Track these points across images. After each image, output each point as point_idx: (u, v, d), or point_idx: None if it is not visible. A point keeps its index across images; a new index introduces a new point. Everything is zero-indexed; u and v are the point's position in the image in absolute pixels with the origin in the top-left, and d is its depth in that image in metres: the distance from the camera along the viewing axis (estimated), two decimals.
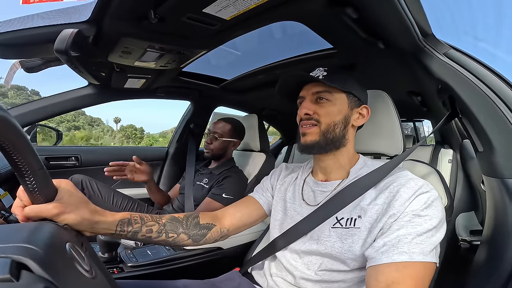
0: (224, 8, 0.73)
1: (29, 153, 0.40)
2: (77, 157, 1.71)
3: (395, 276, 0.51)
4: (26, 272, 0.30)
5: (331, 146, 0.70)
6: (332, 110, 0.70)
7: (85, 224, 0.52)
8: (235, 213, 0.81)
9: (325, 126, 0.69)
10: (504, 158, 0.66)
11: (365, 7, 0.67)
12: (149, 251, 1.08)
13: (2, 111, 0.35)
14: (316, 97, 0.71)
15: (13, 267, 0.29)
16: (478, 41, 28.60)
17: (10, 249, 0.31)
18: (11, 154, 0.38)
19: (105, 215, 0.57)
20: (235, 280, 0.80)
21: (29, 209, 0.45)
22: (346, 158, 0.73)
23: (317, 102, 0.71)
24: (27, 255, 0.31)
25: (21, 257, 0.30)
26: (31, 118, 1.39)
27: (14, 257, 0.30)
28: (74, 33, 0.76)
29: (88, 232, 0.54)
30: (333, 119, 0.69)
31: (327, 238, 0.65)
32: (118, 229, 0.59)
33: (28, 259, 0.30)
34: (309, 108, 0.70)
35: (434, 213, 0.56)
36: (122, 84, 1.42)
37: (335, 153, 0.72)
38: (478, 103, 0.68)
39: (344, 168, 0.73)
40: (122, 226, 0.60)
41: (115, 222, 0.58)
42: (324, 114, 0.69)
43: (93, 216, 0.53)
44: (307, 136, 0.71)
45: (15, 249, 0.31)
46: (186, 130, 2.02)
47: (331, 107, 0.70)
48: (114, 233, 0.59)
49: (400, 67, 1.00)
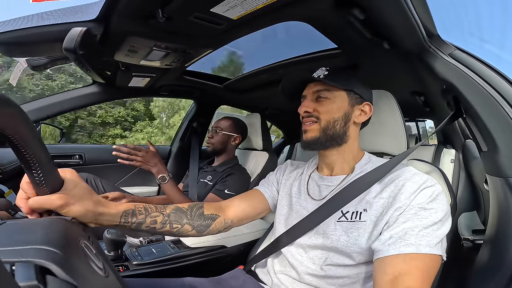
0: (232, 8, 0.73)
1: (38, 146, 0.39)
2: (81, 155, 1.72)
3: (403, 268, 0.52)
4: (51, 277, 0.29)
5: (333, 142, 0.72)
6: (331, 108, 0.72)
7: (90, 215, 0.51)
8: (240, 204, 0.81)
9: (325, 122, 0.72)
10: (508, 157, 0.66)
11: (372, 8, 0.67)
12: (154, 249, 1.08)
13: (11, 104, 0.34)
14: (316, 95, 0.74)
15: (38, 273, 0.28)
16: (483, 43, 28.39)
17: (30, 253, 0.30)
18: (19, 147, 0.37)
19: (109, 206, 0.56)
20: (239, 278, 0.81)
21: (34, 201, 0.45)
22: (350, 154, 0.74)
23: (318, 100, 0.74)
24: (49, 259, 0.30)
25: (43, 261, 0.29)
26: (36, 116, 1.40)
27: (37, 261, 0.29)
28: (83, 31, 0.76)
29: (92, 223, 0.53)
30: (332, 116, 0.72)
31: (333, 232, 0.65)
32: (122, 220, 0.59)
33: (50, 263, 0.29)
34: (308, 106, 0.73)
35: (439, 206, 0.57)
36: (126, 82, 1.43)
37: (338, 149, 0.74)
38: (483, 103, 0.69)
39: (349, 163, 0.74)
40: (126, 217, 0.59)
41: (119, 213, 0.58)
42: (324, 111, 0.72)
43: (97, 208, 0.53)
44: (308, 133, 0.74)
45: (35, 253, 0.30)
46: (189, 129, 2.03)
47: (331, 104, 0.72)
48: (118, 224, 0.58)
49: (404, 67, 1.01)
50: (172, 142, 2.13)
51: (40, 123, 1.61)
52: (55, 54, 1.05)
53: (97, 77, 1.31)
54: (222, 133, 1.53)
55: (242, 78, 1.54)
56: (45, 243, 0.32)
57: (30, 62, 1.13)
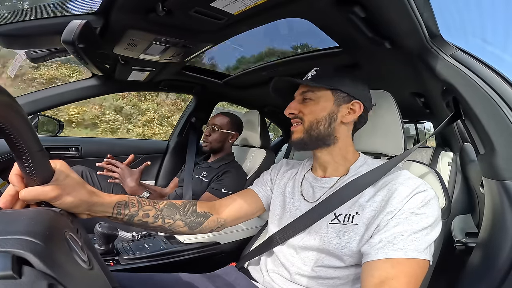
0: (232, 2, 0.73)
1: (29, 134, 0.38)
2: (77, 148, 1.71)
3: (390, 272, 0.52)
4: (28, 268, 0.28)
5: (319, 143, 0.72)
6: (315, 109, 0.72)
7: (83, 206, 0.51)
8: (234, 204, 0.81)
9: (308, 123, 0.72)
10: (505, 160, 0.66)
11: (373, 6, 0.66)
12: (146, 244, 1.07)
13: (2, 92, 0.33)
14: (302, 97, 0.75)
15: (15, 263, 0.27)
16: (486, 44, 28.32)
17: (9, 242, 0.29)
18: (10, 135, 0.36)
19: (102, 196, 0.56)
20: (231, 274, 0.81)
21: (26, 192, 0.44)
22: (340, 155, 0.74)
23: (304, 101, 0.74)
24: (28, 249, 0.29)
25: (21, 251, 0.29)
26: (33, 107, 1.39)
27: (15, 251, 0.28)
28: (82, 24, 0.76)
29: (85, 215, 0.53)
30: (315, 117, 0.72)
31: (325, 234, 0.65)
32: (115, 211, 0.58)
33: (29, 253, 0.29)
34: (293, 107, 0.75)
35: (430, 211, 0.57)
36: (126, 76, 1.42)
37: (328, 149, 0.74)
38: (482, 105, 0.69)
39: (343, 165, 0.74)
40: (119, 208, 0.59)
41: (112, 204, 0.58)
42: (308, 112, 0.73)
43: (90, 198, 0.52)
44: (293, 134, 0.75)
45: (14, 242, 0.29)
46: (187, 124, 2.02)
47: (314, 105, 0.72)
48: (111, 215, 0.58)
49: (405, 67, 1.00)
50: (170, 137, 2.12)
51: (38, 114, 1.61)
52: (55, 46, 1.04)
53: (95, 70, 1.30)
54: (220, 131, 1.50)
55: (242, 74, 1.53)
56: (26, 234, 0.31)
57: (29, 54, 1.12)
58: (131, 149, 1.90)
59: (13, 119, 0.36)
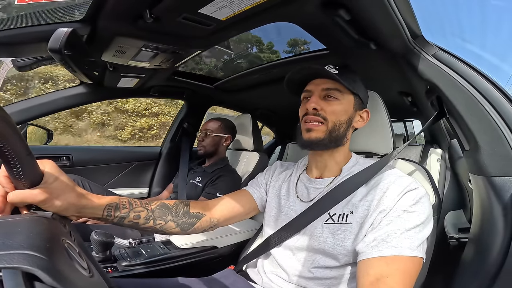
0: (219, 9, 0.73)
1: (16, 139, 0.38)
2: (68, 157, 1.68)
3: (385, 270, 0.53)
4: (39, 284, 0.28)
5: (333, 144, 0.72)
6: (339, 109, 0.70)
7: (72, 209, 0.50)
8: (227, 204, 0.81)
9: (332, 124, 0.70)
10: (489, 156, 0.68)
11: (357, 8, 0.68)
12: (143, 250, 1.07)
13: None
14: (325, 93, 0.71)
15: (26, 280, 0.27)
16: (465, 43, 29.23)
17: (14, 258, 0.29)
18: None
19: (91, 199, 0.55)
20: (230, 277, 0.81)
21: (14, 195, 0.43)
22: (342, 156, 0.75)
23: (325, 99, 0.71)
24: (35, 265, 0.29)
25: (29, 267, 0.28)
26: (22, 117, 1.36)
27: (22, 267, 0.28)
28: (68, 32, 0.75)
29: (74, 217, 0.52)
30: (339, 118, 0.70)
31: (320, 234, 0.66)
32: (105, 213, 0.58)
33: (37, 269, 0.29)
34: (317, 103, 0.70)
35: (421, 209, 0.58)
36: (115, 83, 1.41)
37: (333, 150, 0.74)
38: (464, 103, 0.71)
39: (338, 165, 0.75)
40: (110, 210, 0.58)
41: (102, 207, 0.57)
42: (331, 112, 0.70)
43: (79, 201, 0.52)
44: (312, 132, 0.70)
45: (20, 258, 0.29)
46: (179, 129, 2.01)
47: (339, 106, 0.70)
48: (101, 217, 0.57)
49: (391, 68, 1.02)
50: (162, 144, 2.11)
51: (27, 124, 1.58)
52: (41, 54, 1.03)
53: (83, 78, 1.28)
54: (213, 135, 1.53)
55: (232, 78, 1.54)
56: (29, 248, 0.31)
57: (15, 63, 1.11)
58: (123, 156, 1.88)
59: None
